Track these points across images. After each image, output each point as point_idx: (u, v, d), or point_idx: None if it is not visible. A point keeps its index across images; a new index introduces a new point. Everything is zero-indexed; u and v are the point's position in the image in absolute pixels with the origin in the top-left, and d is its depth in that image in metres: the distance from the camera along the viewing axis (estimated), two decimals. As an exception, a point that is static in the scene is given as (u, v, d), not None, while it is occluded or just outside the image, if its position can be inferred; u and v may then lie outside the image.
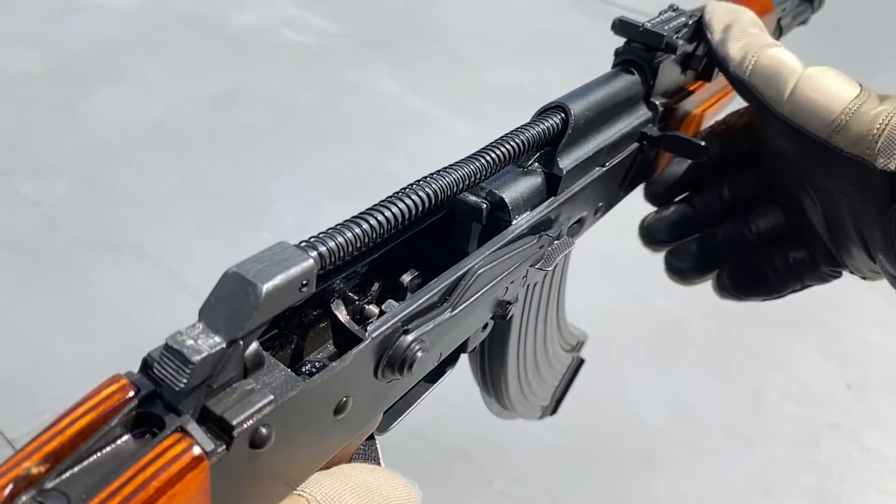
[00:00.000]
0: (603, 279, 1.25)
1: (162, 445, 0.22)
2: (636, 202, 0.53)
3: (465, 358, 0.42)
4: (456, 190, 0.32)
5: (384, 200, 0.30)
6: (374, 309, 0.33)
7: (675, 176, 0.53)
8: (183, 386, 0.21)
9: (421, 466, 1.02)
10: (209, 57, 1.96)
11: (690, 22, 0.45)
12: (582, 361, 0.58)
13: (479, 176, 0.33)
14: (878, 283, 0.49)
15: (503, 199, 0.35)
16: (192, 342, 0.22)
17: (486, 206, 0.34)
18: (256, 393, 0.24)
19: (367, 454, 0.35)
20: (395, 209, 0.29)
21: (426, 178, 0.31)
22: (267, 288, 0.22)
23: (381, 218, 0.28)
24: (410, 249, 0.34)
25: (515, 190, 0.36)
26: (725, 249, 0.52)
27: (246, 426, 0.23)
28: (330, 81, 1.90)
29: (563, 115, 0.38)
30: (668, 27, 0.43)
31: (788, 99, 0.43)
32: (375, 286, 0.33)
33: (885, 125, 0.40)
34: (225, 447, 0.23)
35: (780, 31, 0.60)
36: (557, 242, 0.36)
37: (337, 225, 0.27)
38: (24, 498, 0.20)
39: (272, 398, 0.24)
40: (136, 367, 0.24)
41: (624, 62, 0.45)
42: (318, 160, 1.60)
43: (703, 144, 0.45)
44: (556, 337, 0.53)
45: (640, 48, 0.44)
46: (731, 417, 1.13)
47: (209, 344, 0.22)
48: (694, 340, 1.24)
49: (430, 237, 0.34)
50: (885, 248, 0.42)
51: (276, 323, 0.27)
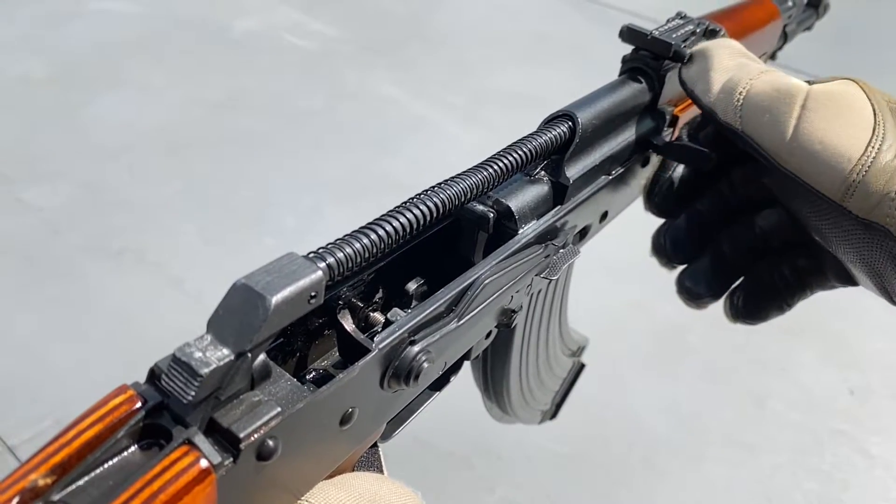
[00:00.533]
0: (604, 285, 1.25)
1: (169, 458, 0.22)
2: (638, 207, 0.53)
3: (466, 364, 0.42)
4: (464, 199, 0.32)
5: (392, 211, 0.30)
6: (379, 317, 0.33)
7: (674, 184, 0.52)
8: (191, 398, 0.21)
9: (422, 473, 1.02)
10: (211, 62, 1.96)
11: (698, 30, 0.45)
12: (583, 366, 0.58)
13: (486, 185, 0.33)
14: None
15: (510, 208, 0.35)
16: (200, 354, 0.21)
17: (492, 215, 0.34)
18: (263, 405, 0.23)
19: (370, 462, 0.35)
20: (402, 219, 0.29)
21: (434, 187, 0.31)
22: (276, 300, 0.22)
23: (389, 228, 0.28)
24: (416, 257, 0.34)
25: (522, 199, 0.36)
26: (733, 256, 0.49)
27: (253, 439, 0.23)
28: (331, 86, 1.90)
29: (570, 123, 0.38)
30: (675, 35, 0.43)
31: (788, 150, 0.37)
32: (381, 293, 0.33)
33: None
34: (232, 460, 0.23)
35: (785, 37, 0.60)
36: (563, 251, 0.36)
37: (345, 235, 0.27)
38: (30, 510, 0.20)
39: (279, 410, 0.24)
40: (136, 372, 0.24)
41: (631, 70, 0.45)
42: (319, 165, 1.60)
43: (708, 152, 0.44)
44: (557, 342, 0.53)
45: (647, 56, 0.44)
46: (733, 424, 1.13)
47: (217, 356, 0.22)
48: (696, 347, 1.24)
49: (436, 245, 0.34)
50: None
51: (281, 331, 0.27)
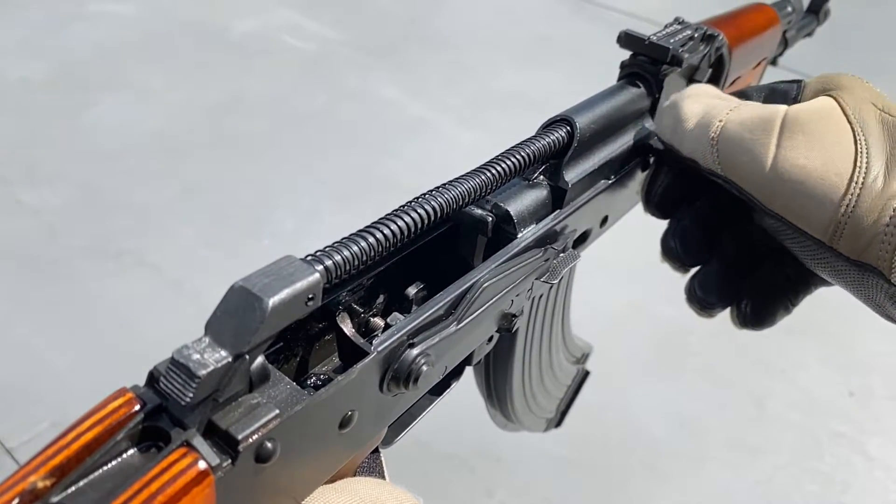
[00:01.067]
0: (604, 287, 1.25)
1: (168, 460, 0.22)
2: (638, 209, 0.53)
3: (469, 369, 0.42)
4: (462, 203, 0.32)
5: (390, 214, 0.30)
6: (379, 321, 0.33)
7: (672, 184, 0.52)
8: (189, 400, 0.21)
9: (421, 476, 1.02)
10: (210, 64, 1.96)
11: (696, 35, 0.45)
12: (587, 373, 0.58)
13: (484, 189, 0.33)
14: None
15: (508, 211, 0.35)
16: (198, 356, 0.22)
17: (491, 218, 0.34)
18: (262, 407, 0.23)
19: (371, 467, 0.35)
20: (400, 222, 0.29)
21: (432, 191, 0.31)
22: (273, 302, 0.22)
23: (387, 231, 0.28)
24: (416, 261, 0.34)
25: (521, 203, 0.36)
26: (738, 256, 0.47)
27: (251, 440, 0.23)
28: (331, 88, 1.90)
29: (568, 127, 0.38)
30: (673, 40, 0.43)
31: (769, 191, 0.35)
32: (380, 298, 0.33)
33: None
34: (230, 462, 0.23)
35: (785, 43, 0.60)
36: (563, 255, 0.36)
37: (343, 238, 0.27)
38: (29, 512, 0.20)
39: (277, 412, 0.24)
40: (135, 374, 0.24)
41: (629, 75, 0.45)
42: (318, 167, 1.61)
43: None
44: (560, 349, 0.52)
45: (645, 61, 0.44)
46: (733, 426, 1.13)
47: (215, 358, 0.22)
48: (696, 349, 1.24)
49: (435, 249, 0.34)
50: None
51: (281, 335, 0.27)
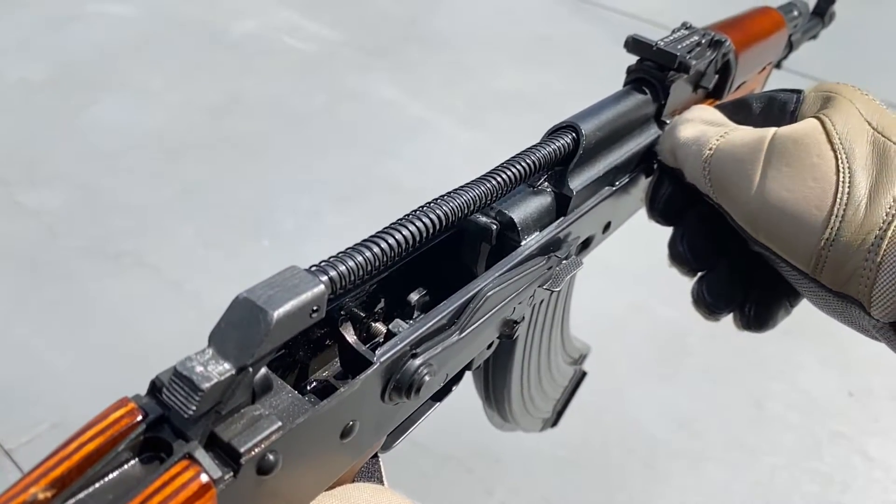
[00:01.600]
0: (603, 288, 1.24)
1: (170, 472, 0.22)
2: (639, 212, 0.53)
3: (468, 372, 0.42)
4: (467, 211, 0.32)
5: (395, 223, 0.29)
6: (381, 327, 0.32)
7: (675, 190, 0.51)
8: (192, 413, 0.21)
9: (420, 476, 1.02)
10: (209, 65, 1.96)
11: (703, 40, 0.45)
12: (584, 374, 0.58)
13: (490, 197, 0.33)
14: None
15: (512, 219, 0.35)
16: (201, 368, 0.21)
17: (495, 226, 0.34)
18: (264, 419, 0.23)
19: (370, 473, 0.35)
20: (405, 232, 0.29)
21: (438, 199, 0.31)
22: (277, 314, 0.22)
23: (391, 241, 0.28)
24: (419, 267, 0.34)
25: (525, 210, 0.35)
26: (740, 257, 0.46)
27: (254, 453, 0.23)
28: (331, 89, 1.90)
29: (574, 134, 0.38)
30: (680, 46, 0.43)
31: (754, 220, 0.35)
32: (382, 303, 0.33)
33: (877, 263, 0.31)
34: (232, 474, 0.22)
35: (790, 46, 0.60)
36: (565, 262, 0.36)
37: (348, 248, 0.27)
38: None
39: (280, 425, 0.24)
40: (134, 375, 0.23)
41: (636, 80, 0.44)
42: (318, 168, 1.60)
43: None
44: (559, 351, 0.52)
45: (652, 67, 0.43)
46: (732, 427, 1.13)
47: (219, 371, 0.22)
48: (695, 349, 1.24)
49: (438, 255, 0.34)
50: None
51: (283, 343, 0.27)
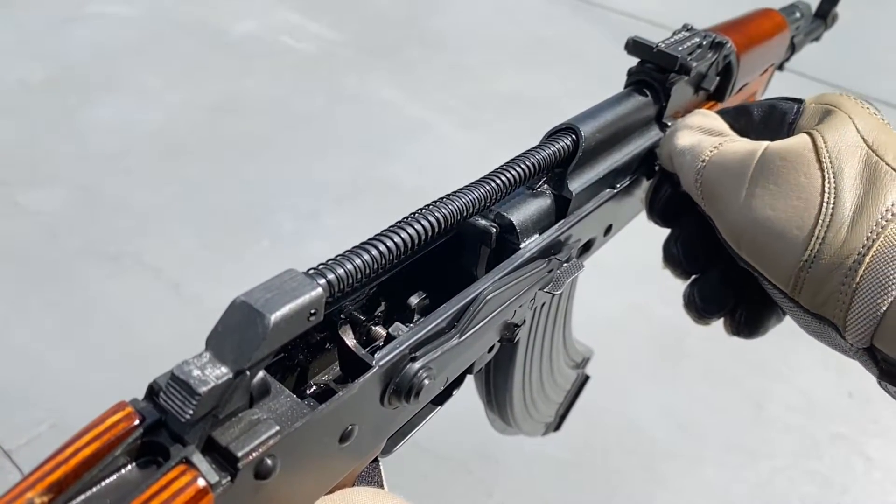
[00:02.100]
0: (602, 288, 1.24)
1: (167, 477, 0.22)
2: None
3: (469, 375, 0.41)
4: (466, 214, 0.32)
5: (393, 226, 0.29)
6: (380, 331, 0.32)
7: (674, 192, 0.51)
8: (189, 417, 0.21)
9: (420, 478, 1.02)
10: (209, 65, 1.96)
11: (704, 42, 0.45)
12: (587, 378, 0.58)
13: (488, 200, 0.33)
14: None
15: (512, 222, 0.34)
16: (198, 372, 0.21)
17: (495, 229, 0.34)
18: (262, 423, 0.23)
19: (370, 477, 0.35)
20: (404, 235, 0.29)
21: (436, 202, 0.31)
22: (275, 318, 0.22)
23: (390, 244, 0.28)
24: (418, 271, 0.33)
25: (524, 213, 0.35)
26: (734, 263, 0.48)
27: (251, 458, 0.23)
28: (330, 90, 1.90)
29: (573, 136, 0.37)
30: (681, 48, 0.43)
31: (738, 238, 0.36)
32: (382, 307, 0.33)
33: (852, 287, 0.31)
34: (230, 479, 0.22)
35: (792, 48, 0.60)
36: (566, 265, 0.36)
37: (346, 251, 0.27)
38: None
39: (278, 429, 0.23)
40: (134, 376, 0.23)
41: (637, 82, 0.44)
42: (317, 168, 1.60)
43: None
44: (561, 354, 0.52)
45: (653, 69, 0.43)
46: (731, 428, 1.13)
47: (216, 375, 0.21)
48: (694, 350, 1.24)
49: (438, 258, 0.34)
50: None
51: (282, 346, 0.27)
